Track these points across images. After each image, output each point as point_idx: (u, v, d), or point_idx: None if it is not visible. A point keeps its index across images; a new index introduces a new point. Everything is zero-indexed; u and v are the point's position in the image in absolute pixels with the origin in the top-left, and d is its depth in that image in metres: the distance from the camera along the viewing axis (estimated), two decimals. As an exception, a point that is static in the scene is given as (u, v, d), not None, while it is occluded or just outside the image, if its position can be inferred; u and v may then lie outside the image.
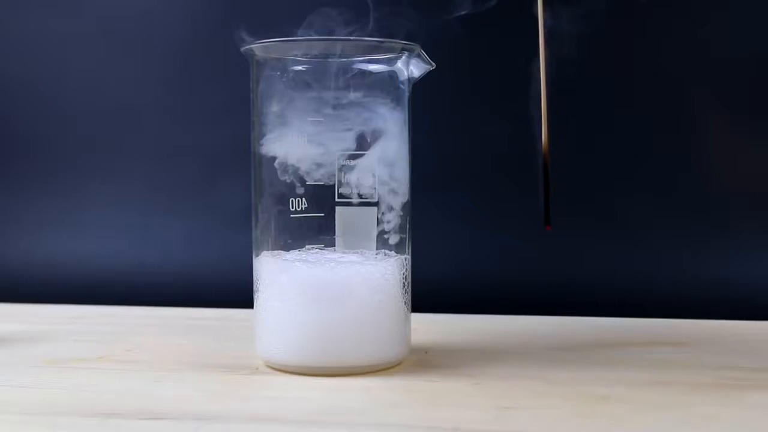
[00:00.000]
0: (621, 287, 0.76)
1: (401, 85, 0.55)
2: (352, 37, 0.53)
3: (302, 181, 0.53)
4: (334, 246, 0.54)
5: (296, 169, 0.53)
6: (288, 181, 0.54)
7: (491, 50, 0.75)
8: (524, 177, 0.58)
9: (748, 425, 0.44)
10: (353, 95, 0.53)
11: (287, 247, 0.54)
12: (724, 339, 0.56)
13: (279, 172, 0.54)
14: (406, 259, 0.55)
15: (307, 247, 0.54)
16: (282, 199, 0.54)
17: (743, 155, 0.75)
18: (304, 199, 0.53)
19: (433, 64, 0.55)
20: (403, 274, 0.55)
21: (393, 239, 0.54)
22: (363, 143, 0.53)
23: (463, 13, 0.58)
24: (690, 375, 0.52)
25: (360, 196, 0.53)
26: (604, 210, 0.76)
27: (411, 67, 0.55)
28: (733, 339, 0.57)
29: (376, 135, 0.53)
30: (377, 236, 0.54)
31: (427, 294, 0.64)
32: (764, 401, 0.48)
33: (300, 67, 0.54)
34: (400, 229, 0.55)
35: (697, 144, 0.76)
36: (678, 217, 0.75)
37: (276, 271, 0.54)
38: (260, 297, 0.55)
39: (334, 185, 0.53)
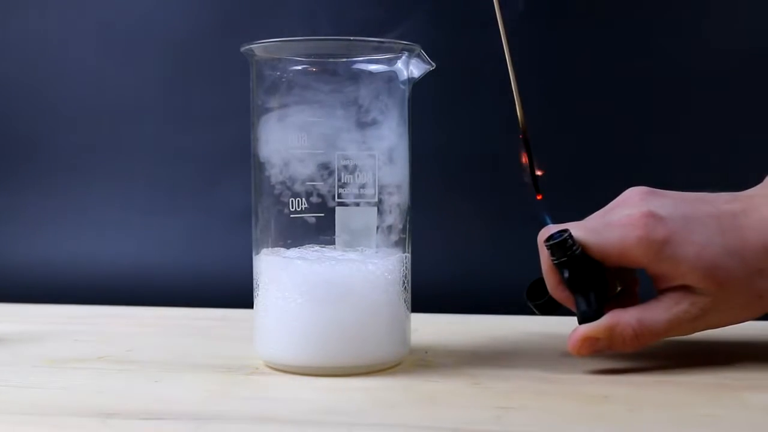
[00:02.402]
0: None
1: (401, 85, 0.55)
2: (352, 37, 0.53)
3: (302, 181, 0.53)
4: (334, 245, 0.54)
5: (296, 169, 0.53)
6: (288, 181, 0.53)
7: (491, 50, 0.75)
8: (523, 177, 0.58)
9: (748, 425, 0.44)
10: (353, 95, 0.53)
11: (287, 247, 0.54)
12: (724, 339, 0.56)
13: (279, 172, 0.54)
14: (406, 258, 0.55)
15: (306, 246, 0.54)
16: (282, 199, 0.54)
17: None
18: (303, 199, 0.53)
19: (433, 64, 0.55)
20: (403, 272, 0.55)
21: (393, 238, 0.54)
22: (363, 143, 0.53)
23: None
24: (690, 375, 0.52)
25: (360, 196, 0.53)
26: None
27: (411, 67, 0.55)
28: (733, 339, 0.57)
29: (376, 135, 0.53)
30: (377, 235, 0.54)
31: (427, 294, 0.64)
32: (764, 401, 0.48)
33: (300, 67, 0.54)
34: (400, 228, 0.55)
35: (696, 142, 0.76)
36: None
37: (276, 268, 0.54)
38: (260, 295, 0.55)
39: (333, 185, 0.53)
